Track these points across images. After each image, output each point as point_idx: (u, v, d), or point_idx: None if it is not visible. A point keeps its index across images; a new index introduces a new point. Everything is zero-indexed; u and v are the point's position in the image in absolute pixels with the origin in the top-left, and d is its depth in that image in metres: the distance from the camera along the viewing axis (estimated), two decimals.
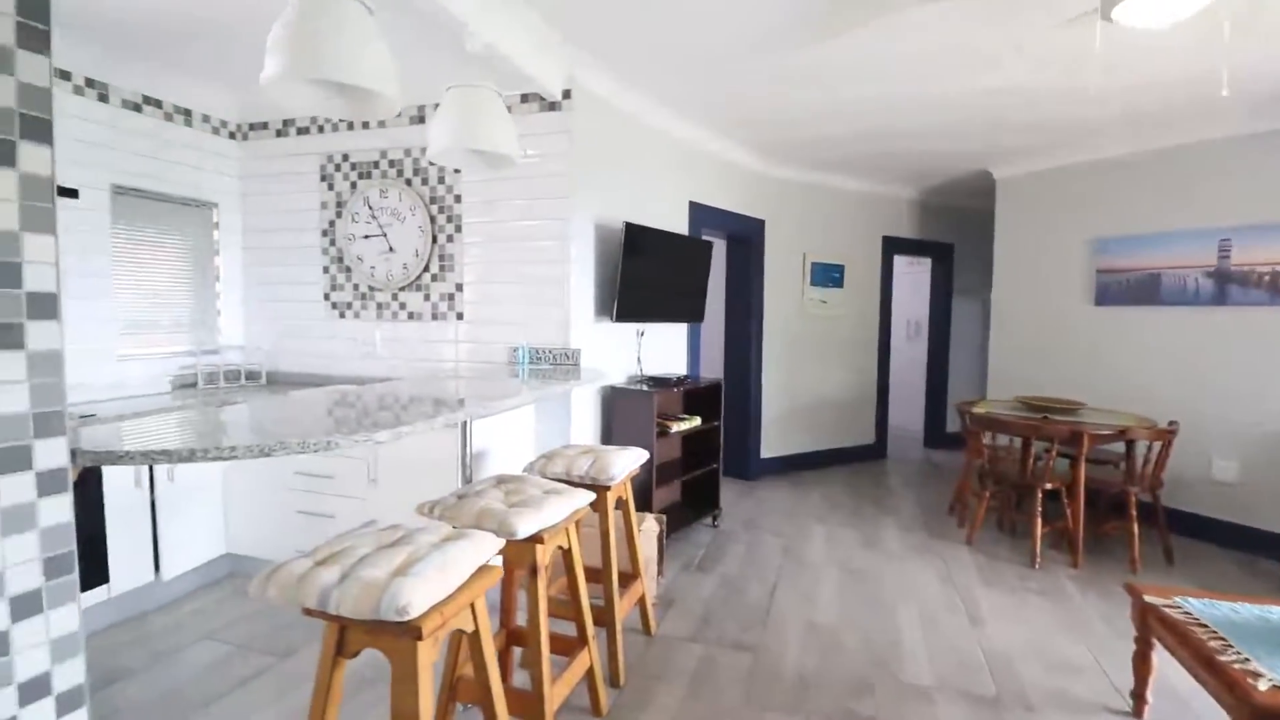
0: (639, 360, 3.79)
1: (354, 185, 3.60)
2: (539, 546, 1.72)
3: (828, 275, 5.41)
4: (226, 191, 3.76)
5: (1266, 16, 2.52)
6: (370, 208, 3.55)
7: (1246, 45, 2.78)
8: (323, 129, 3.65)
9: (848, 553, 3.57)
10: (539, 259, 3.25)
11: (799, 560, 3.44)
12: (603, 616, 2.27)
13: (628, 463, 2.31)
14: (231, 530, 3.16)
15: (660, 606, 2.87)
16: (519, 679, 2.29)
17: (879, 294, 5.80)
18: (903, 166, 5.05)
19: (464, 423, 2.57)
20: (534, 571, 1.74)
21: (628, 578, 2.53)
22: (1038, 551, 3.39)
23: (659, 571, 2.99)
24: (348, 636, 1.31)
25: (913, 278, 7.23)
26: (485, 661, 1.50)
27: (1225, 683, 1.61)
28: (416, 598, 1.22)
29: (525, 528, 1.65)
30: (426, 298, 3.50)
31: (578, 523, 1.98)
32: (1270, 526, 3.65)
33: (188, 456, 1.15)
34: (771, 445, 5.22)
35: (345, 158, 3.61)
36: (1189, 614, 1.96)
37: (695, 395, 3.94)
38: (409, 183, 3.48)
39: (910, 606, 2.91)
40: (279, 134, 3.73)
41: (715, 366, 5.37)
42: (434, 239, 3.45)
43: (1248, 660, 1.67)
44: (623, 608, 2.33)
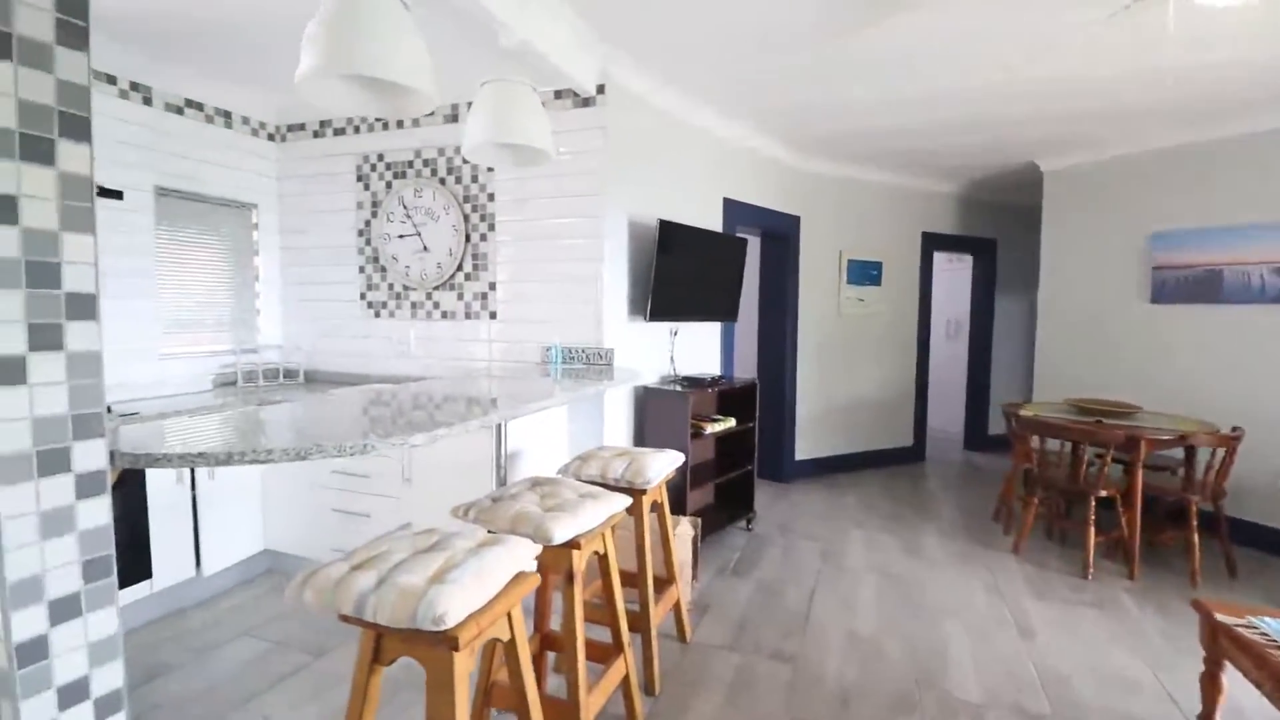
0: (672, 360, 3.73)
1: (389, 185, 3.61)
2: (575, 552, 1.68)
3: (865, 273, 5.27)
4: (265, 192, 3.81)
5: None
6: (405, 207, 3.56)
7: None
8: (358, 129, 3.67)
9: (888, 559, 3.46)
10: (572, 257, 3.21)
11: (837, 566, 3.34)
12: (637, 622, 2.22)
13: (663, 466, 2.26)
14: (270, 527, 3.20)
15: (695, 612, 2.80)
16: (553, 683, 2.25)
17: (918, 292, 5.63)
18: (943, 160, 4.89)
19: (498, 424, 2.55)
20: (570, 578, 1.70)
21: (662, 583, 2.48)
22: (1090, 562, 3.23)
23: (693, 576, 2.93)
24: (384, 644, 1.28)
25: (952, 275, 7.02)
26: (521, 669, 1.46)
27: None
28: (453, 607, 1.18)
29: (561, 533, 1.61)
30: (460, 297, 3.49)
31: (613, 527, 1.94)
32: None
33: (225, 460, 1.13)
34: (806, 447, 5.11)
35: (380, 157, 3.62)
36: (1267, 635, 1.82)
37: (729, 396, 3.87)
38: (443, 182, 3.48)
39: (956, 617, 2.80)
40: (316, 135, 3.76)
41: (749, 366, 5.28)
42: (467, 238, 3.44)
43: None
44: (658, 614, 2.28)
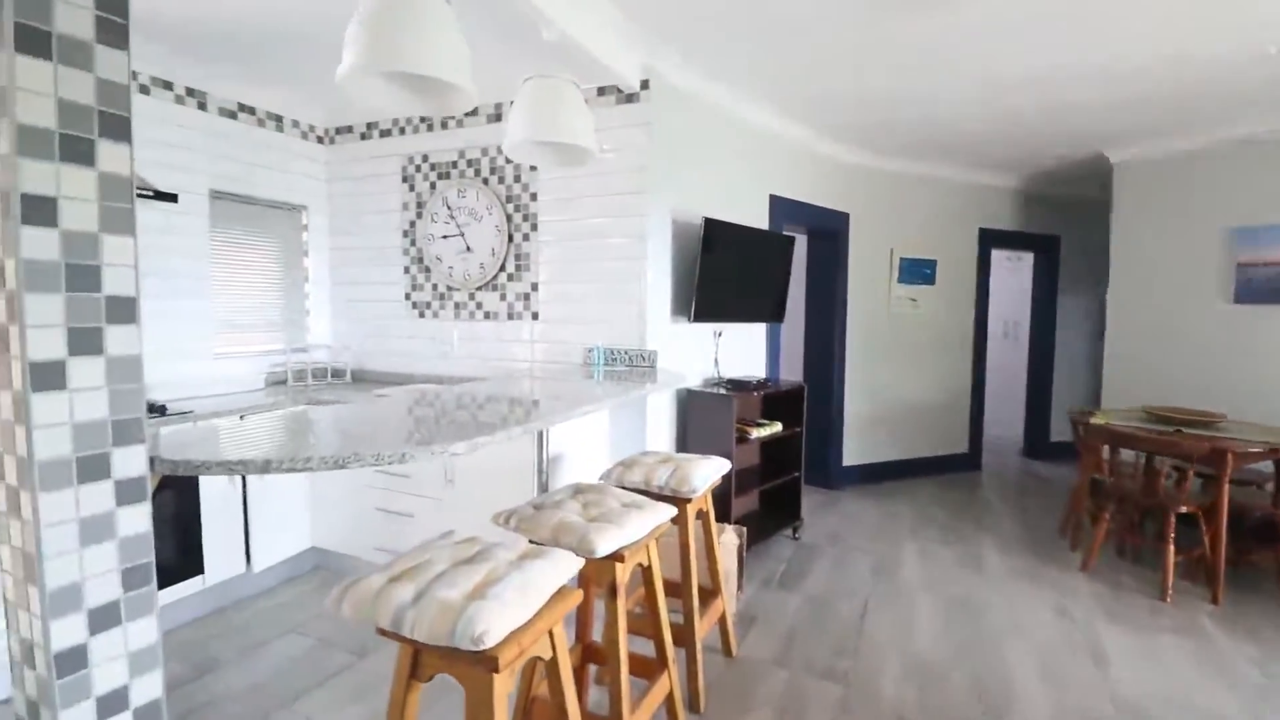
0: (716, 362, 3.63)
1: (433, 186, 3.62)
2: (619, 565, 1.61)
3: (918, 271, 5.06)
4: (315, 194, 3.87)
5: None
6: (449, 208, 3.56)
7: None
8: (404, 131, 3.69)
9: (945, 575, 3.28)
10: (614, 257, 3.15)
11: (891, 581, 3.19)
12: (681, 635, 2.14)
13: (709, 473, 2.17)
14: (317, 525, 3.24)
15: (741, 625, 2.70)
16: (595, 696, 2.19)
17: (974, 291, 5.37)
18: (1003, 152, 4.64)
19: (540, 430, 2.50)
20: (613, 591, 1.63)
21: (707, 594, 2.39)
22: (1169, 583, 3.00)
23: (739, 587, 2.83)
24: (422, 659, 1.24)
25: (1009, 273, 6.70)
26: (563, 688, 1.40)
27: None
28: (494, 625, 1.12)
29: (605, 546, 1.54)
30: (502, 297, 3.47)
31: (657, 537, 1.86)
32: None
33: (263, 467, 1.10)
34: (855, 453, 4.93)
35: (425, 158, 3.63)
36: None
37: (775, 399, 3.75)
38: (485, 182, 3.46)
39: (1021, 640, 2.62)
40: (363, 137, 3.80)
41: (795, 369, 5.12)
42: (510, 238, 3.41)
43: None
44: (703, 627, 2.19)
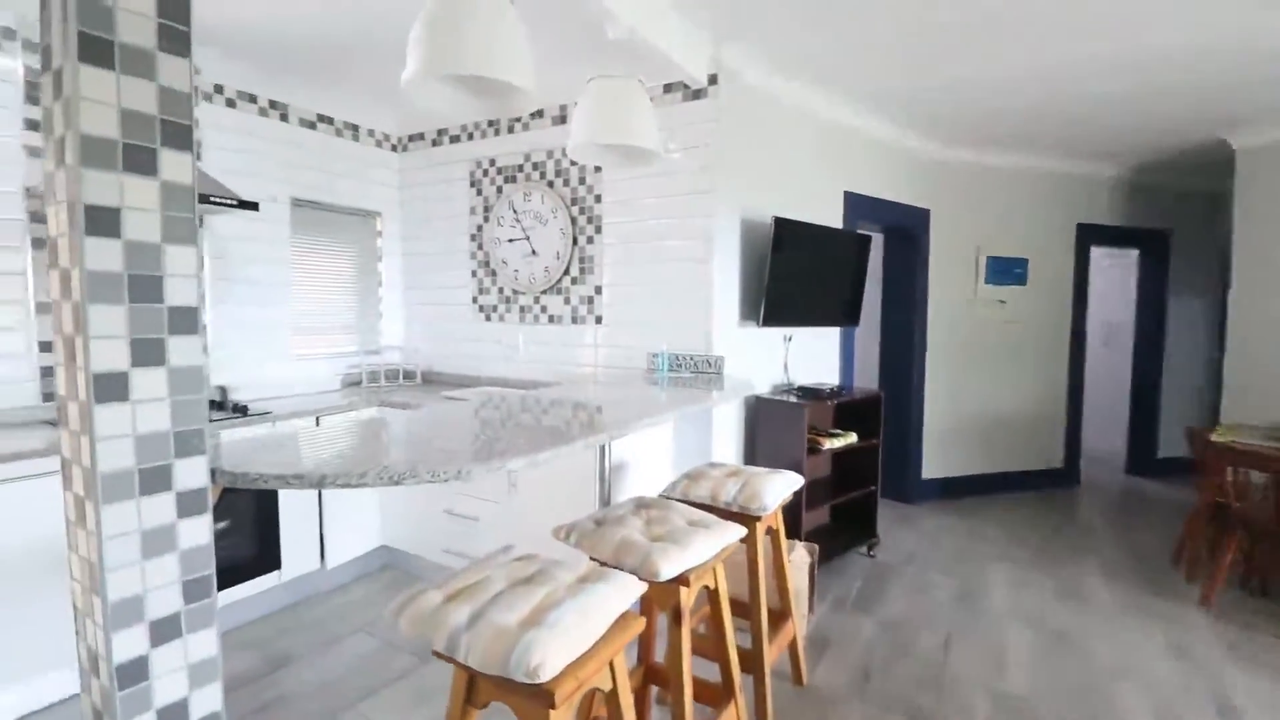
0: (786, 368, 3.47)
1: (500, 190, 3.64)
2: (684, 589, 1.51)
3: (1007, 271, 4.70)
4: (388, 200, 3.97)
5: None
6: (514, 211, 3.56)
7: None
8: (471, 136, 3.72)
9: (1040, 604, 2.99)
10: (680, 259, 3.05)
11: (977, 609, 2.94)
12: (748, 661, 2.02)
13: (780, 490, 2.04)
14: (387, 525, 3.30)
15: (812, 650, 2.55)
16: (657, 716, 2.10)
17: (1071, 292, 4.95)
18: (1105, 139, 4.23)
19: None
20: (678, 616, 1.53)
21: (776, 616, 2.26)
22: None
23: (809, 608, 2.68)
24: (477, 685, 1.18)
25: (1108, 272, 6.15)
26: (623, 717, 1.32)
27: None
28: (550, 656, 1.05)
29: (669, 569, 1.45)
30: (566, 301, 3.44)
31: (724, 559, 1.75)
32: None
33: (318, 482, 1.08)
34: (935, 465, 4.63)
35: (492, 162, 3.65)
36: None
37: (849, 408, 3.54)
38: (551, 185, 3.44)
39: (1132, 684, 2.34)
40: (434, 143, 3.87)
41: (870, 375, 4.87)
42: (574, 240, 3.38)
43: None
44: (772, 653, 2.06)
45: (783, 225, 3.07)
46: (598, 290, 3.33)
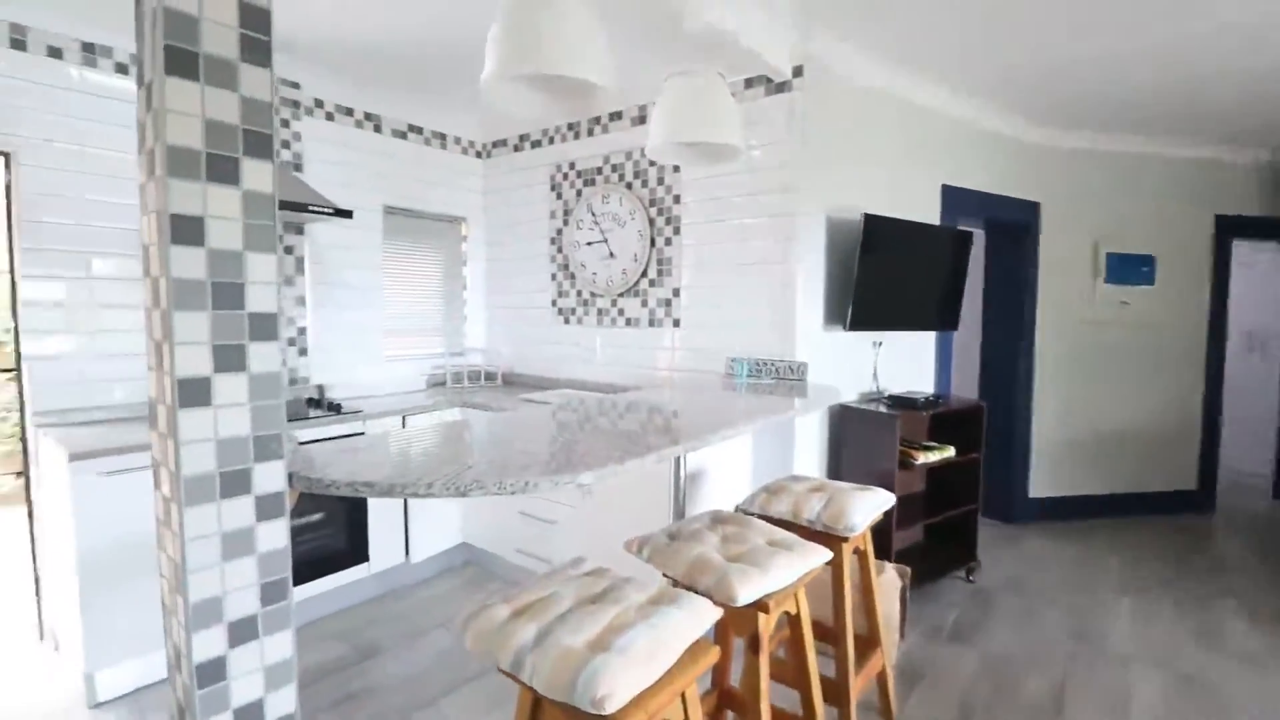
0: (875, 375, 3.26)
1: (579, 193, 3.64)
2: (762, 615, 1.41)
3: (1132, 269, 4.23)
4: (473, 206, 4.07)
5: None
6: (593, 214, 3.56)
7: None
8: (552, 140, 3.75)
9: (1173, 645, 2.64)
10: (762, 260, 2.93)
11: (1097, 647, 2.63)
12: (832, 691, 1.88)
13: (870, 509, 1.88)
14: (467, 523, 3.38)
15: (902, 682, 2.36)
16: None
17: (1208, 292, 4.39)
18: (1247, 119, 3.71)
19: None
20: (755, 644, 1.43)
21: (863, 642, 2.09)
22: None
23: (900, 635, 2.48)
24: (542, 707, 1.14)
25: (1255, 271, 5.43)
26: None
27: None
28: (617, 687, 0.99)
29: (747, 593, 1.35)
30: (644, 304, 3.39)
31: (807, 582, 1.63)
32: None
33: (387, 491, 1.07)
34: (1044, 483, 4.24)
35: (572, 166, 3.66)
36: None
37: (946, 419, 3.27)
38: (629, 186, 3.41)
39: None
40: (516, 149, 3.93)
41: (970, 384, 4.52)
42: (652, 242, 3.32)
43: None
44: (858, 684, 1.91)
45: (873, 222, 2.88)
46: (675, 293, 3.26)
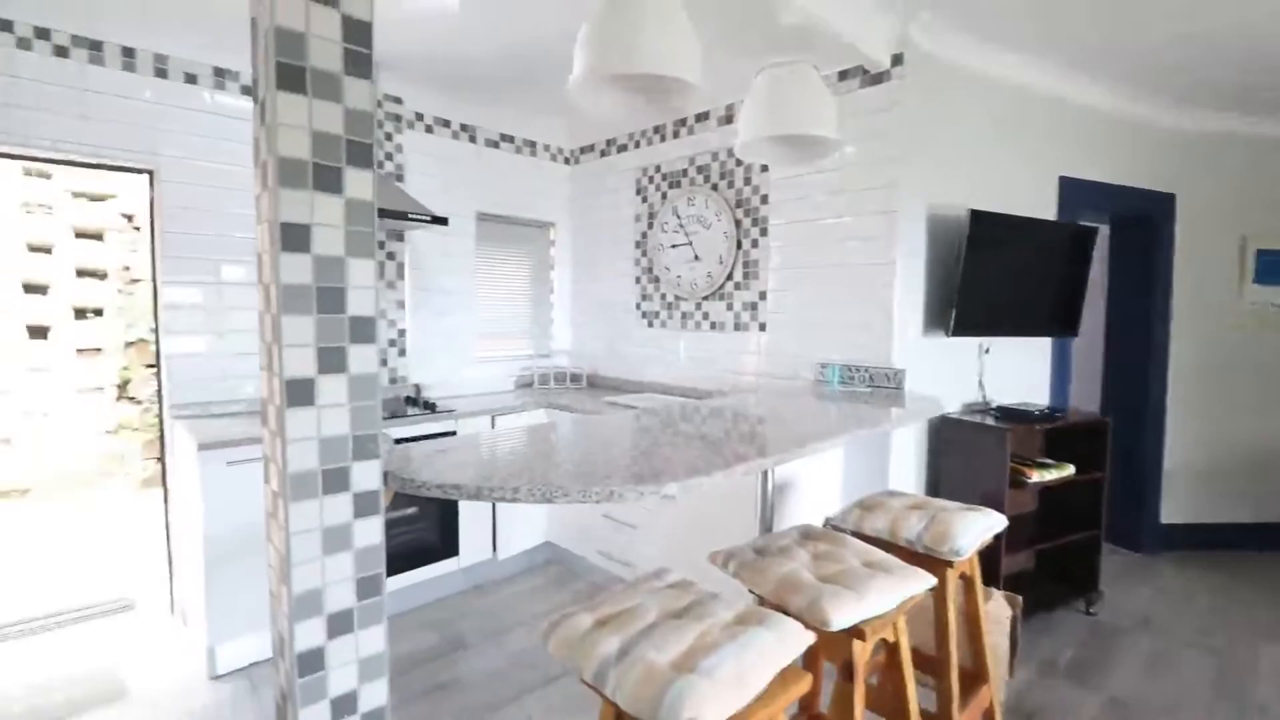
0: (981, 384, 3.02)
1: (664, 196, 3.62)
2: (858, 643, 1.31)
3: None
4: (561, 211, 4.15)
5: None
6: (678, 217, 3.52)
7: None
8: (638, 144, 3.75)
9: None
10: (855, 261, 2.78)
11: (1246, 698, 2.30)
12: None
13: (979, 531, 1.73)
14: (552, 523, 3.43)
15: None
16: None
17: None
18: None
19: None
20: (848, 671, 1.34)
21: (968, 677, 1.93)
22: None
23: (1009, 671, 2.27)
24: None
25: None
26: None
27: None
28: (704, 712, 0.94)
29: (841, 618, 1.26)
30: (729, 307, 3.32)
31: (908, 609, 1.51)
32: None
33: (474, 494, 1.08)
34: (1178, 509, 3.78)
35: (658, 169, 3.65)
36: None
37: (1064, 434, 2.98)
38: (715, 187, 3.35)
39: None
40: (602, 154, 3.96)
41: (1090, 396, 4.12)
42: (738, 244, 3.25)
43: None
44: None
45: (981, 219, 2.67)
46: (762, 296, 3.16)
